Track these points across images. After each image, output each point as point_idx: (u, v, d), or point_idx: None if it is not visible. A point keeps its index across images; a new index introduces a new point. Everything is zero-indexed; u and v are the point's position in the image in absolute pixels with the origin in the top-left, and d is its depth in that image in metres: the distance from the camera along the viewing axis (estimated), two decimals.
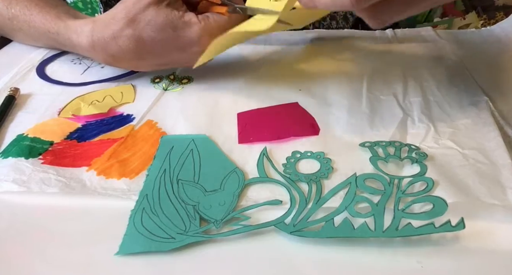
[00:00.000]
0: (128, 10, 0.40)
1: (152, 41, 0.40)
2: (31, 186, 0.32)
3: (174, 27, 0.39)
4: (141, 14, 0.39)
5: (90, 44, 0.42)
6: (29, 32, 0.50)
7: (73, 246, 0.28)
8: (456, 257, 0.26)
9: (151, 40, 0.40)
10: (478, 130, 0.36)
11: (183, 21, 0.40)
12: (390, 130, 0.37)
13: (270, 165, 0.33)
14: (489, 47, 0.51)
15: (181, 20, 0.40)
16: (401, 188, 0.30)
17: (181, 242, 0.27)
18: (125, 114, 0.41)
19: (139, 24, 0.39)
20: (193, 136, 0.37)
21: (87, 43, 0.42)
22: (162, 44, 0.40)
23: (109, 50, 0.41)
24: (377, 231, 0.27)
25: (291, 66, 0.48)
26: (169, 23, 0.39)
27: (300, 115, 0.40)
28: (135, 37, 0.40)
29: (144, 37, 0.40)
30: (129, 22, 0.40)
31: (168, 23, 0.39)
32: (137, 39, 0.40)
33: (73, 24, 0.44)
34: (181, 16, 0.40)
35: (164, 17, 0.39)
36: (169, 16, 0.39)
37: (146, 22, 0.39)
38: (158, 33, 0.40)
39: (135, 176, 0.33)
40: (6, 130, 0.39)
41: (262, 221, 0.28)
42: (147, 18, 0.39)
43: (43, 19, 0.47)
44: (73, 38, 0.44)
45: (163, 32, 0.40)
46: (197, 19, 0.40)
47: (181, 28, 0.40)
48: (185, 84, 0.46)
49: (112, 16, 0.41)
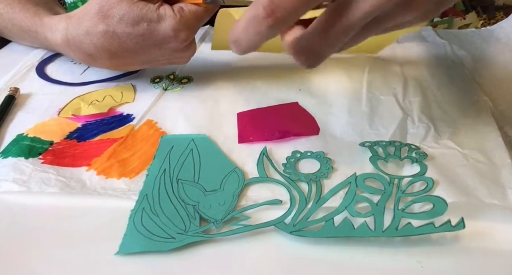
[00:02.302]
0: (101, 5, 0.38)
1: (127, 37, 0.38)
2: (31, 186, 0.32)
3: (149, 21, 0.38)
4: (115, 8, 0.37)
5: (64, 42, 0.41)
6: (13, 30, 0.49)
7: (73, 246, 0.28)
8: (456, 257, 0.26)
9: (126, 36, 0.38)
10: (478, 130, 0.36)
11: (157, 14, 0.38)
12: (390, 130, 0.37)
13: (270, 165, 0.33)
14: (489, 47, 0.51)
15: (156, 13, 0.38)
16: (401, 188, 0.30)
17: (181, 242, 0.27)
18: (125, 114, 0.41)
19: (112, 19, 0.38)
20: (193, 136, 0.37)
21: (61, 41, 0.41)
22: (137, 40, 0.38)
23: (84, 48, 0.40)
24: (377, 230, 0.27)
25: (291, 66, 0.48)
26: (143, 17, 0.37)
27: (300, 115, 0.40)
28: (109, 34, 0.38)
29: (118, 33, 0.38)
30: (102, 18, 0.38)
31: (142, 17, 0.37)
32: (111, 35, 0.38)
33: (48, 21, 0.43)
34: (155, 9, 0.38)
35: (138, 11, 0.37)
36: (143, 9, 0.37)
37: (119, 17, 0.37)
38: (133, 28, 0.38)
39: (135, 176, 0.33)
40: (6, 130, 0.39)
41: (262, 221, 0.28)
42: (121, 13, 0.37)
43: (23, 17, 0.46)
44: (48, 36, 0.43)
45: (137, 26, 0.38)
46: (172, 12, 0.38)
47: (156, 21, 0.38)
48: (185, 84, 0.46)
49: (86, 12, 0.39)
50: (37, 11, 0.46)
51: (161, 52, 0.40)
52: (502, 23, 0.56)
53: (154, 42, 0.39)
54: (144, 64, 0.43)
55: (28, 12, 0.46)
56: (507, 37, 0.52)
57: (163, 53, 0.40)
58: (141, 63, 0.43)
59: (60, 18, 0.42)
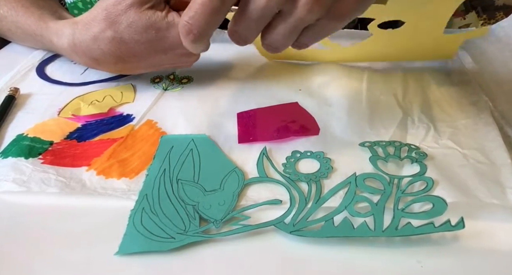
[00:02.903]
0: (109, 12, 0.38)
1: (134, 43, 0.39)
2: (31, 186, 0.32)
3: (158, 29, 0.38)
4: (122, 15, 0.38)
5: (71, 47, 0.41)
6: (17, 33, 0.49)
7: (73, 246, 0.28)
8: (456, 256, 0.26)
9: (134, 43, 0.39)
10: (478, 130, 0.36)
11: (166, 22, 0.38)
12: (390, 130, 0.37)
13: (270, 164, 0.33)
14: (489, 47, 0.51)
15: (164, 21, 0.38)
16: (400, 188, 0.30)
17: (180, 242, 0.27)
18: (125, 114, 0.41)
19: (120, 25, 0.38)
20: (193, 136, 0.37)
21: (68, 46, 0.41)
22: (146, 46, 0.39)
23: (91, 53, 0.40)
24: (376, 230, 0.27)
25: (291, 66, 0.48)
26: (152, 25, 0.38)
27: (300, 115, 0.40)
28: (116, 40, 0.39)
29: (126, 39, 0.38)
30: (110, 24, 0.38)
31: (151, 25, 0.38)
32: (119, 41, 0.39)
33: (54, 26, 0.44)
34: (164, 17, 0.38)
35: (147, 20, 0.38)
36: (151, 18, 0.38)
37: (127, 24, 0.38)
38: (141, 35, 0.38)
39: (135, 176, 0.33)
40: (6, 130, 0.39)
41: (262, 220, 0.28)
42: (129, 20, 0.38)
43: (28, 20, 0.46)
44: (54, 40, 0.43)
45: (145, 34, 0.38)
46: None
47: (164, 29, 0.38)
48: (185, 84, 0.46)
49: (92, 17, 0.39)
50: (42, 15, 0.46)
51: (167, 57, 0.41)
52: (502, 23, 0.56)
53: (162, 48, 0.40)
54: (149, 68, 0.43)
55: (33, 16, 0.46)
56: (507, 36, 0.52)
57: (169, 58, 0.41)
58: (145, 67, 0.43)
59: (66, 23, 0.43)
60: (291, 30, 0.29)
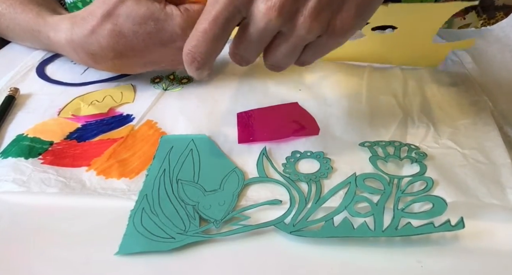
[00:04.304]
0: (107, 4, 0.38)
1: (133, 35, 0.38)
2: (31, 186, 0.32)
3: (156, 20, 0.38)
4: (121, 7, 0.37)
5: (68, 42, 0.40)
6: (15, 30, 0.49)
7: (73, 246, 0.28)
8: (456, 256, 0.26)
9: (132, 35, 0.38)
10: (478, 130, 0.36)
11: (164, 13, 0.38)
12: (390, 130, 0.37)
13: (270, 165, 0.33)
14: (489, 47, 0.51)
15: (163, 12, 0.38)
16: (400, 188, 0.30)
17: (180, 242, 0.27)
18: (125, 114, 0.41)
19: (118, 18, 0.38)
20: (193, 136, 0.37)
21: (65, 40, 0.41)
22: (144, 38, 0.38)
23: (88, 47, 0.39)
24: (376, 230, 0.27)
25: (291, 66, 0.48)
26: (150, 16, 0.37)
27: (300, 115, 0.40)
28: (115, 32, 0.38)
29: (125, 32, 0.38)
30: (109, 16, 0.38)
31: (149, 16, 0.37)
32: (118, 34, 0.38)
33: (52, 21, 0.43)
34: (162, 8, 0.38)
35: (145, 9, 0.37)
36: (150, 8, 0.37)
37: (126, 16, 0.37)
38: (140, 27, 0.38)
39: (134, 176, 0.33)
40: (6, 130, 0.39)
41: (262, 221, 0.28)
42: (127, 11, 0.37)
43: (26, 17, 0.46)
44: (51, 35, 0.43)
45: (144, 25, 0.38)
46: (179, 11, 0.38)
47: (163, 20, 0.38)
48: (185, 84, 0.46)
49: (90, 11, 0.39)
50: (40, 11, 0.46)
51: (167, 51, 0.40)
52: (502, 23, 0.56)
53: (161, 40, 0.39)
54: (147, 65, 0.42)
55: (31, 12, 0.46)
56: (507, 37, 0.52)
57: (168, 53, 0.40)
58: (143, 65, 0.42)
59: (63, 17, 0.42)
60: (292, 49, 0.29)
